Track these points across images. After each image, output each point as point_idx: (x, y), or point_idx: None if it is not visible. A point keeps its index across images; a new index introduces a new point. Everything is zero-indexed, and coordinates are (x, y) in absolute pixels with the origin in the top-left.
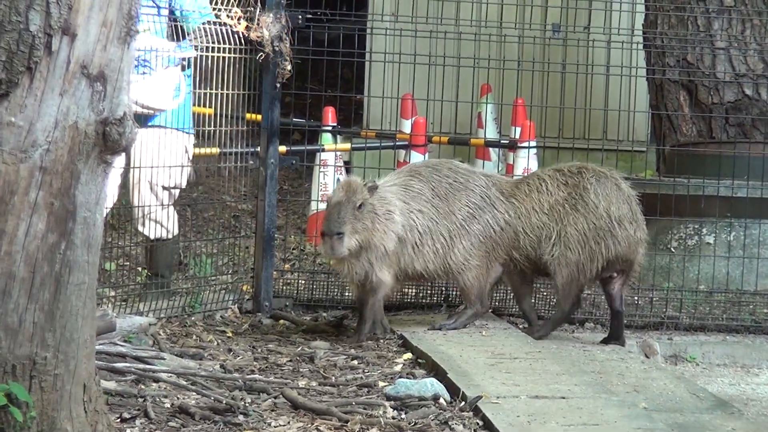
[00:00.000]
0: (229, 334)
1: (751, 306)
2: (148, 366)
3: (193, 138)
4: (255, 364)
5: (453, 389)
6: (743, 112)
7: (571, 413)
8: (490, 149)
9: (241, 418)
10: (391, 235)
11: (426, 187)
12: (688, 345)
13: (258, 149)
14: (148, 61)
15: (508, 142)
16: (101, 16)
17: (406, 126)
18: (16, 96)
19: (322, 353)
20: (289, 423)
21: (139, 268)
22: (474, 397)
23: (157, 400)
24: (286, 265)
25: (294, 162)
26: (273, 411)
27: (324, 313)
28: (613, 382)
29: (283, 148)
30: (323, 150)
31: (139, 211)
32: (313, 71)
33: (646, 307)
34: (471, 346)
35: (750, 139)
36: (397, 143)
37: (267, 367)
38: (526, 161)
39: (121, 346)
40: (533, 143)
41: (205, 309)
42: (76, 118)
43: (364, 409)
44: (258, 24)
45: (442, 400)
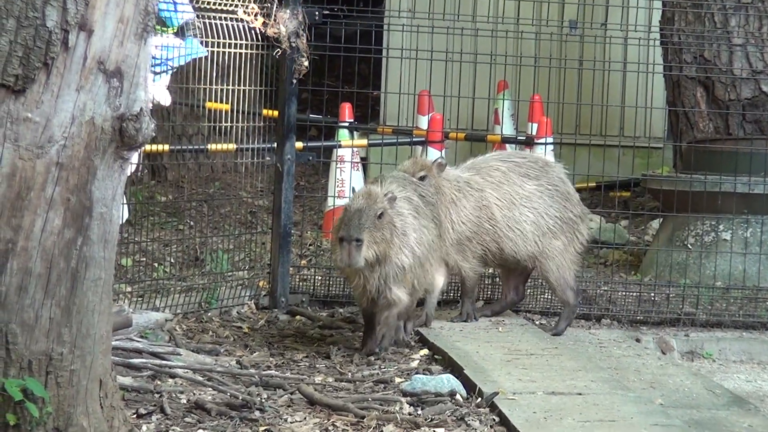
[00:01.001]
0: (246, 330)
1: (767, 302)
2: (165, 362)
3: None
4: (271, 360)
5: (469, 385)
6: (760, 108)
7: (587, 409)
8: (507, 145)
9: (257, 413)
10: (406, 251)
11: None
12: (704, 341)
13: (275, 145)
14: (170, 60)
15: (524, 138)
16: (118, 12)
17: (423, 122)
18: (33, 92)
19: (337, 349)
20: (305, 419)
21: (156, 264)
22: (490, 393)
23: (174, 395)
24: (303, 261)
25: (310, 158)
26: (289, 407)
27: (341, 309)
28: (630, 379)
29: (299, 144)
30: (340, 146)
31: None
32: (330, 67)
33: (662, 304)
34: (487, 342)
35: (767, 136)
36: (414, 139)
37: (283, 362)
38: None
39: (138, 341)
40: (550, 139)
41: (222, 305)
42: (93, 113)
43: (381, 405)
44: (275, 20)
45: (458, 396)
